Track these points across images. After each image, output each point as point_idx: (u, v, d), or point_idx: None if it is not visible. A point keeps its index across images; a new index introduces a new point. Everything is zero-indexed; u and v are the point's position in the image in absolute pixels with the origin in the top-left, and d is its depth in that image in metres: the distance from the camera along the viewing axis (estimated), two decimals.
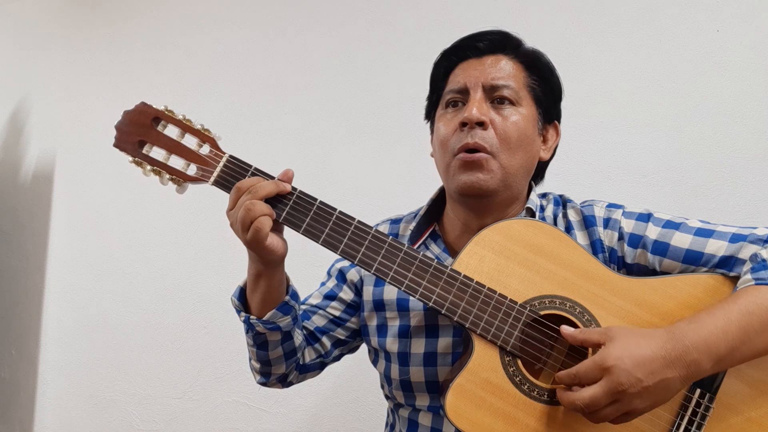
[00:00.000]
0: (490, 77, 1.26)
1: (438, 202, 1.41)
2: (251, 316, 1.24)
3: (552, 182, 1.74)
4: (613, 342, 1.03)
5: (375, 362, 1.41)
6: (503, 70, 1.28)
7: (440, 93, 1.34)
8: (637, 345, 1.02)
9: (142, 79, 2.70)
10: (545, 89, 1.33)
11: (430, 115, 1.40)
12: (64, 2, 2.89)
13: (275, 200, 1.16)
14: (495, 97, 1.26)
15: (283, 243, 1.19)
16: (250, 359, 1.36)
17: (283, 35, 2.47)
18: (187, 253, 2.53)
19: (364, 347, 1.48)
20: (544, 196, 1.38)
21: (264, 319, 1.23)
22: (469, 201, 1.29)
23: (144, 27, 2.72)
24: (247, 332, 1.29)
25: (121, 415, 2.58)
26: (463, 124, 1.24)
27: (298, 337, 1.32)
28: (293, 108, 2.43)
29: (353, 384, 2.20)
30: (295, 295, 1.28)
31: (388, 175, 2.24)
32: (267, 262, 1.19)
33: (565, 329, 1.09)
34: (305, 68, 2.42)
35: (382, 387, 1.42)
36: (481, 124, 1.23)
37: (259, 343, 1.28)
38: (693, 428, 1.10)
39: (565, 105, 1.39)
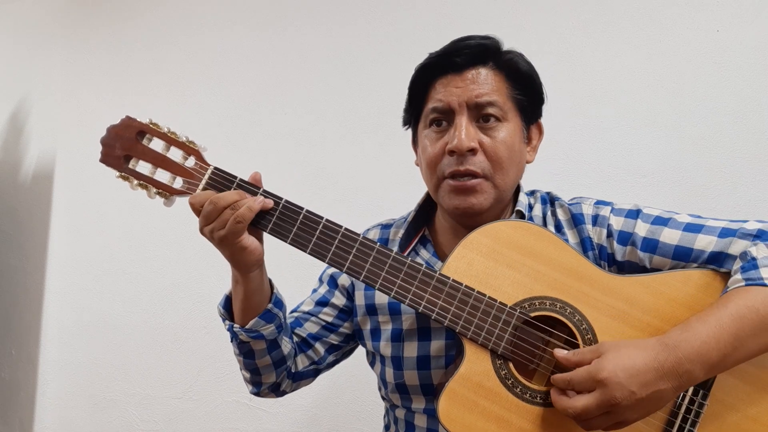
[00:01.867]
0: (474, 95, 1.22)
1: (426, 206, 1.40)
2: (234, 325, 1.24)
3: (552, 182, 1.74)
4: (606, 355, 1.03)
5: (372, 364, 1.41)
6: (486, 84, 1.23)
7: (420, 108, 1.30)
8: (630, 357, 1.01)
9: (142, 79, 2.70)
10: (529, 97, 1.29)
11: (409, 123, 1.37)
12: (64, 2, 2.89)
13: (261, 211, 1.16)
14: (481, 115, 1.23)
15: (258, 245, 1.18)
16: (240, 369, 1.35)
17: (283, 35, 2.47)
18: (187, 253, 2.53)
19: (358, 351, 1.48)
20: (531, 193, 1.37)
21: (246, 327, 1.23)
22: (461, 218, 1.28)
23: (144, 27, 2.72)
24: (231, 341, 1.28)
25: (121, 415, 2.58)
26: (452, 152, 1.21)
27: (287, 346, 1.31)
28: (293, 108, 2.42)
29: (353, 384, 2.20)
30: (279, 303, 1.27)
31: (387, 175, 2.23)
32: (242, 265, 1.18)
33: (559, 352, 1.09)
34: (305, 68, 2.42)
35: (379, 389, 1.42)
36: (471, 150, 1.20)
37: (244, 352, 1.28)
38: (687, 426, 1.10)
39: (565, 105, 1.38)
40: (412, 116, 1.35)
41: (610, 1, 2.00)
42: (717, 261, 1.15)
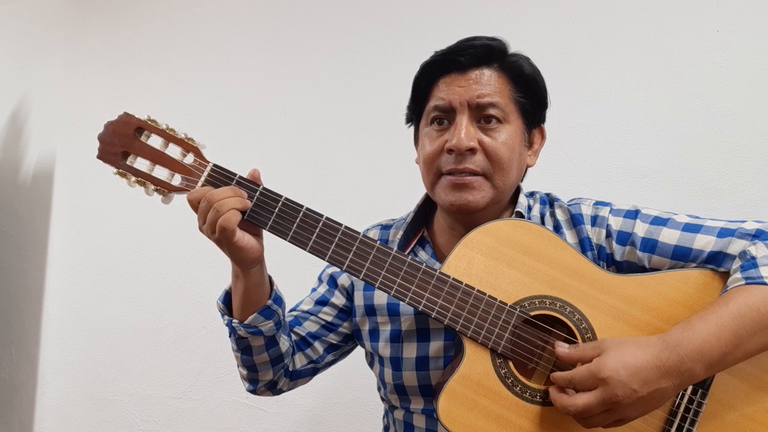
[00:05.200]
0: (476, 95, 1.21)
1: (425, 207, 1.40)
2: (233, 320, 1.24)
3: (552, 182, 1.73)
4: (607, 352, 1.03)
5: (371, 365, 1.41)
6: (489, 85, 1.23)
7: (422, 106, 1.30)
8: (632, 354, 1.02)
9: (142, 79, 2.70)
10: (532, 101, 1.28)
11: (412, 120, 1.37)
12: (64, 2, 2.89)
13: (260, 209, 1.16)
14: (482, 116, 1.22)
15: (256, 243, 1.17)
16: (237, 365, 1.35)
17: (283, 35, 2.47)
18: (187, 253, 2.53)
19: (356, 351, 1.48)
20: (531, 195, 1.37)
21: (245, 322, 1.22)
22: (458, 216, 1.28)
23: (144, 27, 2.72)
24: (230, 336, 1.28)
25: (121, 415, 2.58)
26: (451, 150, 1.21)
27: (285, 343, 1.31)
28: (293, 108, 2.42)
29: (353, 384, 2.20)
30: (278, 300, 1.26)
31: (387, 175, 2.23)
32: (240, 262, 1.18)
33: (560, 349, 1.09)
34: (305, 68, 2.42)
35: (378, 390, 1.42)
36: (471, 150, 1.20)
37: (242, 347, 1.27)
38: (686, 425, 1.10)
39: (565, 105, 1.37)
40: (415, 113, 1.34)
41: (610, 1, 2.00)
42: (716, 261, 1.15)
